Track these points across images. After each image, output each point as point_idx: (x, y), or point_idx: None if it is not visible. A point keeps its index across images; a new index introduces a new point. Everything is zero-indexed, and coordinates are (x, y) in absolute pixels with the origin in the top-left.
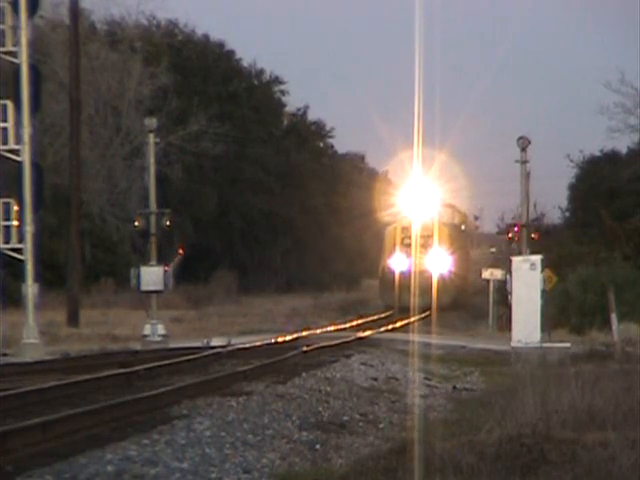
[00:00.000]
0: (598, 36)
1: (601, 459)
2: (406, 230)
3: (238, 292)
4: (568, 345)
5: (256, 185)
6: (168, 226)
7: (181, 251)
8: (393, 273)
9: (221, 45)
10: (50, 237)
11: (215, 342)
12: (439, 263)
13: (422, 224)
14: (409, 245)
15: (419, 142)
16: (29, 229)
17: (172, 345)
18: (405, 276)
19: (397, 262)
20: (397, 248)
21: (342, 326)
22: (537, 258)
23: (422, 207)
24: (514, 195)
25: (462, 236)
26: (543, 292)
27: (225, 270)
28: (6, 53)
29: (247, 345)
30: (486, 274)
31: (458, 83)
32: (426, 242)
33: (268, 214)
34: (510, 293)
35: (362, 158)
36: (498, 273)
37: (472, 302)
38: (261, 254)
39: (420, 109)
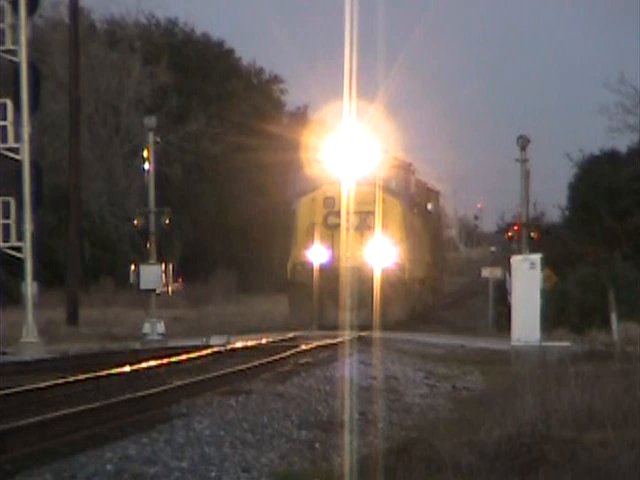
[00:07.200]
0: (598, 35)
1: (601, 459)
2: (331, 202)
3: (237, 291)
4: (568, 344)
5: (254, 184)
6: (167, 224)
7: (181, 280)
8: (310, 271)
9: (220, 44)
10: (49, 236)
11: (214, 341)
12: (385, 256)
13: (358, 193)
14: (337, 226)
15: (351, 90)
16: (28, 228)
17: (171, 344)
18: (330, 276)
19: (317, 253)
20: (317, 231)
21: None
22: (537, 257)
23: (358, 165)
24: (515, 194)
25: (428, 220)
26: (543, 291)
27: (224, 269)
28: (6, 52)
29: (246, 344)
30: (485, 273)
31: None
32: (364, 222)
33: (266, 213)
34: (510, 292)
35: None
36: (497, 272)
37: (444, 318)
38: (260, 254)
39: (353, 58)
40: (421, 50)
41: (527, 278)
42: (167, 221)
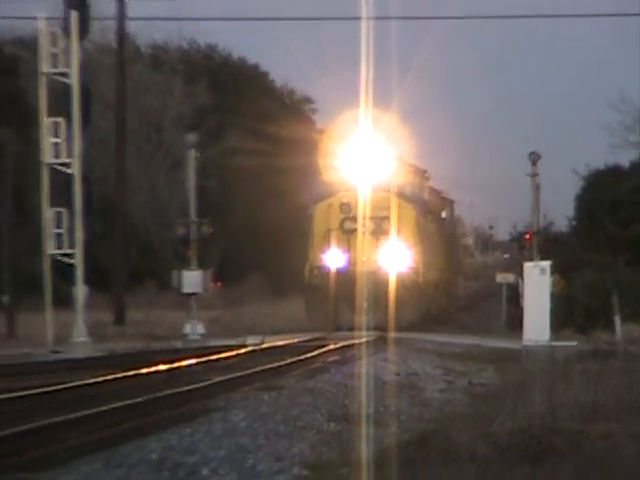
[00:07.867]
0: (603, 54)
1: (605, 449)
2: (347, 208)
3: (268, 294)
4: (574, 344)
5: (286, 196)
6: (209, 234)
7: (219, 284)
8: (326, 275)
9: (255, 67)
10: (97, 243)
11: (250, 341)
12: (400, 260)
13: (374, 198)
14: (353, 231)
15: (367, 99)
16: (79, 236)
17: (210, 343)
18: (346, 279)
19: (333, 257)
20: (334, 236)
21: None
22: (546, 264)
23: (374, 172)
24: (526, 205)
25: (442, 226)
26: (552, 295)
27: (257, 274)
28: (58, 74)
29: (278, 343)
30: (499, 278)
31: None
32: (380, 227)
33: (296, 223)
34: (522, 296)
35: None
36: (510, 277)
37: (458, 320)
38: (284, 258)
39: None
40: (434, 59)
41: (538, 283)
42: (210, 230)
